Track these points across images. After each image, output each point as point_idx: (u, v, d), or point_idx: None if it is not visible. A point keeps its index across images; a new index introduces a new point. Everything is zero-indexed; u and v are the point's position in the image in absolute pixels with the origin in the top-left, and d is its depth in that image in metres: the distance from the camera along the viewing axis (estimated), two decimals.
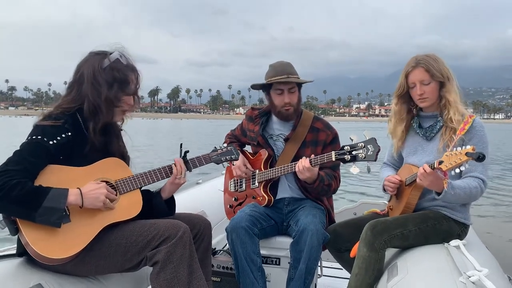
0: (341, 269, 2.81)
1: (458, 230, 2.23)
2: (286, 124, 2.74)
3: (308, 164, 2.35)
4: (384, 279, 2.02)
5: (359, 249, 2.14)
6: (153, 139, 28.78)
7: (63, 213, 1.75)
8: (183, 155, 2.16)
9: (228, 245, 2.51)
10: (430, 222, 2.19)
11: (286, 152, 2.66)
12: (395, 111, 2.40)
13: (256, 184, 2.71)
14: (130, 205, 1.96)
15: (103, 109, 1.91)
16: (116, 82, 1.92)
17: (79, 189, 1.81)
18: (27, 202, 1.69)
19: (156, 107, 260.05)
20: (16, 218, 1.75)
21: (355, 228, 2.37)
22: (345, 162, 2.29)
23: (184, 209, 2.48)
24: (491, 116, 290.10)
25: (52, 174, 1.82)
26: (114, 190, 1.93)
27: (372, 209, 2.66)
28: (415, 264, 1.95)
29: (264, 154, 2.71)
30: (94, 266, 1.88)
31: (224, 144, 2.33)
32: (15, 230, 1.77)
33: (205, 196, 3.46)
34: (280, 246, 2.62)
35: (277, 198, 2.69)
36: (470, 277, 1.63)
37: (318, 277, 2.62)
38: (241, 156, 2.70)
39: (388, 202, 2.54)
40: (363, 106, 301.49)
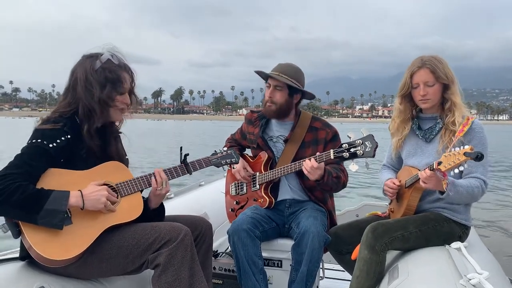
0: (343, 271, 2.81)
1: (459, 232, 2.23)
2: (285, 126, 2.75)
3: (316, 164, 2.35)
4: (385, 281, 2.03)
5: (360, 251, 2.15)
6: (164, 140, 29.00)
7: (65, 215, 1.76)
8: (183, 158, 2.17)
9: (230, 247, 2.52)
10: (431, 223, 2.19)
11: (286, 153, 2.67)
12: (400, 111, 2.39)
13: (257, 186, 2.71)
14: (131, 207, 1.97)
15: (97, 110, 1.92)
16: (108, 82, 1.93)
17: (80, 191, 1.83)
18: (29, 205, 1.70)
19: (159, 108, 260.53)
20: (18, 221, 1.76)
21: (356, 231, 2.37)
22: (344, 159, 2.30)
23: (187, 211, 2.49)
24: (495, 117, 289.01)
25: (53, 178, 1.83)
26: (115, 193, 1.94)
27: (374, 211, 2.66)
28: (416, 267, 1.96)
29: (264, 156, 2.72)
30: (96, 268, 1.89)
31: (225, 148, 2.35)
32: (18, 233, 1.78)
33: (207, 198, 3.47)
34: (281, 249, 2.62)
35: (278, 200, 2.70)
36: (470, 279, 1.63)
37: (320, 279, 2.62)
38: (241, 160, 2.71)
39: (389, 204, 2.54)
40: (366, 107, 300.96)
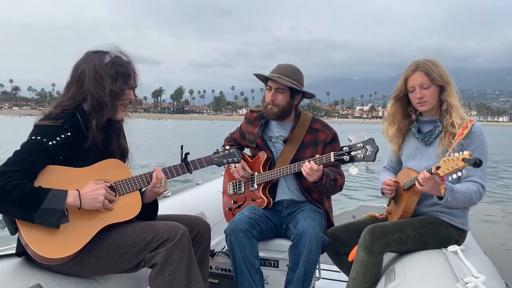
0: (339, 272, 2.81)
1: (457, 236, 2.23)
2: (284, 126, 2.75)
3: (315, 166, 2.35)
4: (381, 283, 2.03)
5: (357, 253, 2.15)
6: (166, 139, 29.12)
7: (62, 214, 1.75)
8: (183, 157, 2.17)
9: (227, 247, 2.52)
10: (429, 227, 2.19)
11: (285, 154, 2.67)
12: (389, 113, 2.43)
13: (255, 186, 2.71)
14: (129, 206, 1.97)
15: (108, 103, 1.92)
16: (119, 76, 1.95)
17: (78, 190, 1.82)
18: (26, 204, 1.69)
19: (159, 108, 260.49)
20: (15, 219, 1.76)
21: (354, 232, 2.37)
22: (344, 162, 2.29)
23: (184, 210, 2.49)
24: (495, 119, 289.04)
25: (52, 175, 1.82)
26: (113, 191, 1.94)
27: (371, 213, 2.66)
28: (413, 270, 1.96)
29: (262, 156, 2.72)
30: (93, 266, 1.89)
31: (227, 147, 2.34)
32: (14, 230, 1.78)
33: (204, 197, 3.47)
34: (278, 249, 2.62)
35: (276, 200, 2.70)
36: (467, 283, 1.63)
37: (316, 279, 2.62)
38: None
39: (387, 206, 2.54)
40: (366, 108, 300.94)
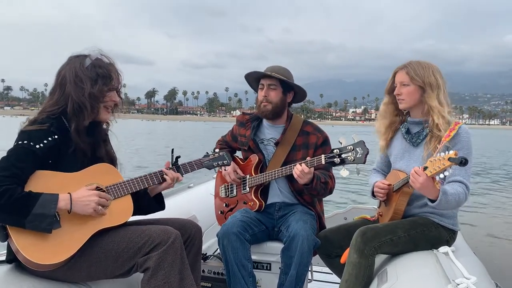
0: (331, 273, 2.82)
1: (447, 236, 2.25)
2: (276, 129, 2.76)
3: (306, 169, 2.36)
4: (374, 285, 2.04)
5: (350, 255, 2.16)
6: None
7: (53, 219, 1.74)
8: (174, 160, 2.17)
9: (219, 250, 2.52)
10: (419, 228, 2.21)
11: (277, 156, 2.68)
12: (382, 108, 2.50)
13: (247, 189, 2.72)
14: (120, 210, 1.96)
15: (88, 106, 1.91)
16: (99, 78, 1.93)
17: (70, 194, 1.81)
18: (16, 209, 1.68)
19: (152, 109, 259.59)
20: (5, 225, 1.74)
21: (346, 234, 2.38)
22: (334, 165, 2.31)
23: (176, 213, 2.49)
24: (486, 122, 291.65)
25: (42, 180, 1.81)
26: (108, 195, 1.93)
27: (362, 215, 2.67)
28: (405, 271, 1.97)
29: (254, 159, 2.73)
30: (85, 272, 1.88)
31: (217, 150, 2.35)
32: (5, 236, 1.77)
33: (196, 200, 3.46)
34: (271, 251, 2.63)
35: (268, 203, 2.71)
36: (458, 284, 1.65)
37: (308, 281, 2.63)
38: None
39: (378, 208, 2.56)
40: (359, 110, 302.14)
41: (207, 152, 2.33)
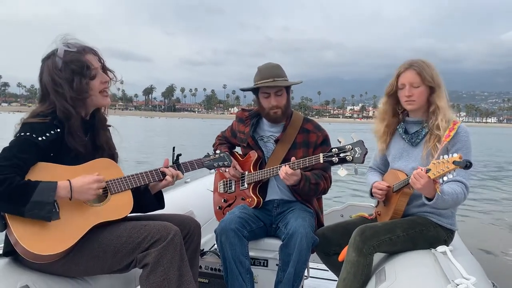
0: (327, 270, 2.83)
1: (445, 236, 2.26)
2: (276, 126, 2.75)
3: (289, 170, 2.38)
4: (371, 284, 2.03)
5: (348, 253, 2.16)
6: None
7: (53, 206, 1.73)
8: (175, 158, 2.17)
9: (216, 246, 2.52)
10: (418, 228, 2.22)
11: (276, 154, 2.67)
12: (380, 110, 2.45)
13: (246, 185, 2.71)
14: (120, 205, 1.96)
15: (72, 111, 1.88)
16: (75, 75, 1.88)
17: (69, 180, 1.80)
18: (15, 198, 1.67)
19: (150, 106, 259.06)
20: (5, 213, 1.73)
21: (344, 232, 2.39)
22: (333, 164, 2.30)
23: (173, 208, 2.48)
24: (483, 120, 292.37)
25: (43, 172, 1.80)
26: (105, 190, 1.92)
27: (360, 213, 2.67)
28: (403, 270, 1.97)
29: (253, 155, 2.72)
30: (83, 266, 1.87)
31: (218, 151, 2.35)
32: (4, 226, 1.75)
33: (193, 196, 3.45)
34: (268, 248, 2.63)
35: (266, 199, 2.71)
36: (458, 285, 1.65)
37: (305, 278, 2.63)
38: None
39: (375, 207, 2.56)
40: (357, 108, 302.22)
41: (208, 153, 2.33)
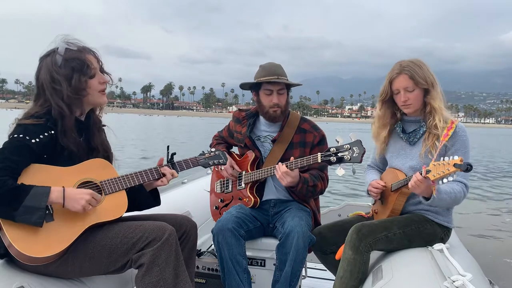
0: (325, 270, 2.82)
1: (441, 233, 2.26)
2: (273, 126, 2.74)
3: (285, 169, 2.36)
4: (368, 282, 2.04)
5: (345, 251, 2.15)
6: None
7: (44, 212, 1.71)
8: (170, 157, 2.15)
9: (213, 246, 2.51)
10: (414, 225, 2.22)
11: (273, 154, 2.67)
12: (379, 116, 2.42)
13: (243, 185, 2.71)
14: (115, 206, 1.94)
15: (65, 110, 1.86)
16: (75, 72, 1.88)
17: (63, 187, 1.78)
18: (6, 201, 1.65)
19: (148, 104, 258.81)
20: None
21: (341, 231, 2.38)
22: (331, 163, 2.29)
23: (170, 209, 2.48)
24: (482, 121, 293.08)
25: (36, 174, 1.79)
26: (99, 195, 1.89)
27: (357, 211, 2.68)
28: (400, 268, 1.97)
29: (250, 155, 2.71)
30: (78, 267, 1.86)
31: (213, 149, 2.33)
32: None
33: (190, 196, 3.45)
34: (265, 248, 2.62)
35: (263, 199, 2.70)
36: (454, 281, 1.65)
37: (303, 278, 2.63)
38: (228, 157, 2.70)
39: (373, 205, 2.56)
40: (355, 108, 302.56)
41: (203, 151, 2.32)
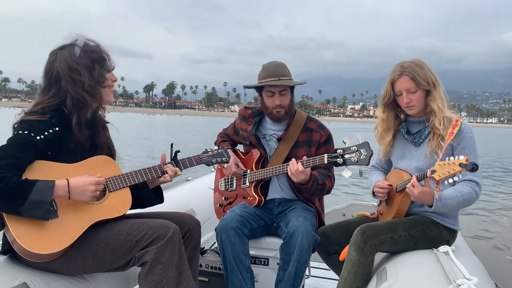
0: (328, 270, 2.81)
1: (447, 236, 2.24)
2: (279, 124, 2.72)
3: (301, 167, 2.34)
4: (373, 283, 2.02)
5: (349, 253, 2.14)
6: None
7: (50, 206, 1.71)
8: (173, 155, 2.15)
9: (217, 244, 2.50)
10: (420, 227, 2.20)
11: (279, 152, 2.65)
12: (383, 119, 2.39)
13: (247, 184, 2.69)
14: (119, 203, 1.94)
15: (88, 99, 1.87)
16: (96, 63, 1.90)
17: (67, 179, 1.78)
18: (13, 197, 1.65)
19: (151, 103, 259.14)
20: (2, 213, 1.71)
21: (345, 232, 2.37)
22: (337, 165, 2.28)
23: (174, 207, 2.47)
24: (484, 120, 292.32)
25: (41, 170, 1.78)
26: (103, 179, 1.90)
27: (362, 212, 2.66)
28: (405, 270, 1.95)
29: (256, 154, 2.70)
30: (81, 264, 1.86)
31: (215, 147, 2.32)
32: (1, 225, 1.74)
33: (194, 194, 3.45)
34: (269, 247, 2.61)
35: (267, 198, 2.69)
36: (460, 285, 1.63)
37: (306, 277, 2.62)
38: (232, 155, 2.69)
39: (378, 206, 2.54)
40: (357, 107, 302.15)
41: (206, 149, 2.31)
